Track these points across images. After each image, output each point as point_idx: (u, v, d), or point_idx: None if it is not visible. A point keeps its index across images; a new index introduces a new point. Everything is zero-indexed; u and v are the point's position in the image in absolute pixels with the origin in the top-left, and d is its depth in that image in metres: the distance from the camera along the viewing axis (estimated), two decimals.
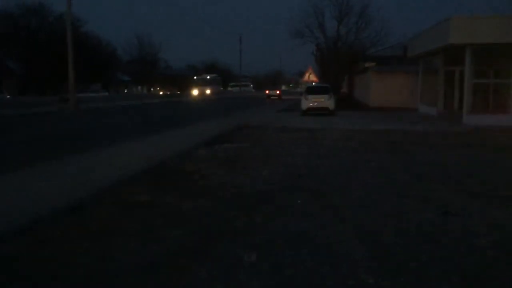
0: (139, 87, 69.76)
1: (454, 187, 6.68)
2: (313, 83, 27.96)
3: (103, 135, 14.34)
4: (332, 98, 21.34)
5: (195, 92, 59.64)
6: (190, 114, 26.54)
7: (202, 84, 63.08)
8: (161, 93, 68.52)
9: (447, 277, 3.56)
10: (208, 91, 60.59)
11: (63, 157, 9.18)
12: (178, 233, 4.59)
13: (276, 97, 44.86)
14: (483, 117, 16.48)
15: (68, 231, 4.60)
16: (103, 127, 17.40)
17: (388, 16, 63.35)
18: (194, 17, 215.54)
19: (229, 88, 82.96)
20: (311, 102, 21.13)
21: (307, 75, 29.65)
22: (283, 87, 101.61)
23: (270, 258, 3.95)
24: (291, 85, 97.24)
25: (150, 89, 70.20)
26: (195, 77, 66.74)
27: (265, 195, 6.11)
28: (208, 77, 66.75)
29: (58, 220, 4.97)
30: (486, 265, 3.83)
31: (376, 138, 12.61)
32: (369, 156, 9.51)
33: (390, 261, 3.88)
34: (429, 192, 6.33)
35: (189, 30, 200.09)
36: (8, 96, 41.33)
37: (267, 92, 47.74)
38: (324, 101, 21.06)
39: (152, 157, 9.10)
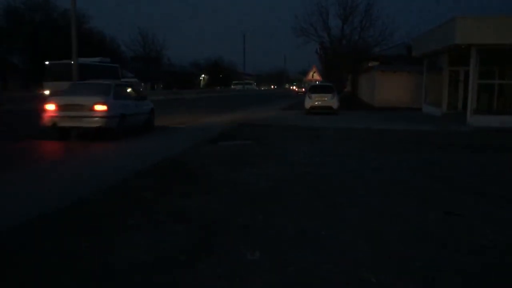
0: (142, 84, 69.58)
1: (456, 187, 6.66)
2: (317, 82, 27.89)
3: None
4: (336, 97, 21.28)
5: (46, 91, 25.00)
6: None
7: (60, 76, 25.98)
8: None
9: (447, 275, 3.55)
10: None
11: None
12: None
13: (302, 93, 62.85)
14: (488, 118, 16.40)
15: None
16: None
17: (393, 15, 63.12)
18: (199, 14, 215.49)
19: (233, 86, 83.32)
20: (314, 101, 21.08)
21: (311, 74, 29.52)
22: (286, 85, 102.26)
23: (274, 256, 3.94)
24: (295, 83, 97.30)
25: (154, 86, 70.15)
26: (46, 62, 29.00)
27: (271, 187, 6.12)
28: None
29: None
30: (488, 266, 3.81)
31: (380, 138, 12.57)
32: (373, 155, 9.49)
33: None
34: (432, 192, 6.31)
35: (194, 27, 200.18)
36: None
37: (296, 89, 69.39)
38: (327, 100, 21.00)
39: None
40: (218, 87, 79.92)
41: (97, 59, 31.52)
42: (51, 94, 26.64)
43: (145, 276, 3.53)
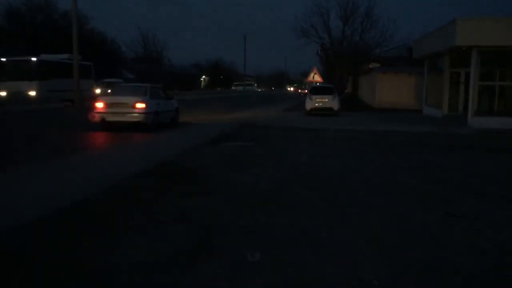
0: None
1: (456, 187, 6.65)
2: (318, 84, 27.87)
3: None
4: (337, 98, 21.28)
5: (2, 93, 23.80)
6: None
7: (18, 75, 23.82)
8: None
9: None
10: (32, 92, 23.79)
11: None
12: None
13: (304, 94, 61.51)
14: (488, 120, 16.40)
15: None
16: None
17: (393, 17, 63.07)
18: (200, 15, 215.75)
19: (233, 87, 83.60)
20: (315, 102, 21.09)
21: (311, 75, 29.50)
22: (287, 87, 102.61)
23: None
24: (295, 84, 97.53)
25: None
26: (3, 59, 24.56)
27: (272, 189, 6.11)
28: (34, 59, 24.47)
29: None
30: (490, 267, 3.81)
31: (381, 139, 12.56)
32: (373, 156, 9.49)
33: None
34: (433, 193, 6.31)
35: (195, 28, 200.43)
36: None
37: (299, 90, 69.29)
38: (328, 101, 21.01)
39: None
40: (219, 88, 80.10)
41: (65, 55, 26.81)
42: (9, 97, 22.45)
43: (145, 276, 3.52)
